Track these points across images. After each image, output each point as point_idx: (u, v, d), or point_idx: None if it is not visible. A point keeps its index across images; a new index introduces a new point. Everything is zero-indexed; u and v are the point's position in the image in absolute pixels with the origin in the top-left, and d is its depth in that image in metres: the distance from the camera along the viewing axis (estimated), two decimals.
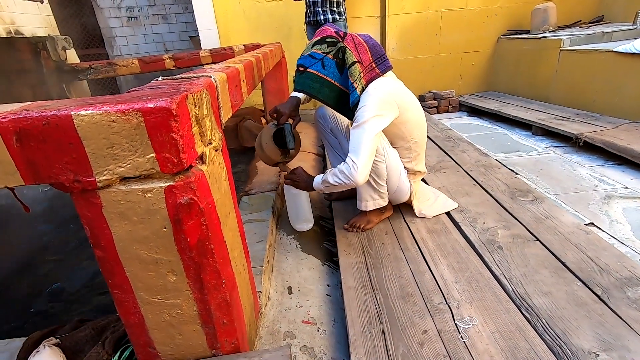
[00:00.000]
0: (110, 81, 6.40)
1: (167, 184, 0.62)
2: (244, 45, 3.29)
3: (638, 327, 0.96)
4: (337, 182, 1.27)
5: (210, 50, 3.32)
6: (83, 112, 0.55)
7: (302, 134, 3.17)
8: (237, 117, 3.02)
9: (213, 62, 3.35)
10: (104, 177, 0.60)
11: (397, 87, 1.38)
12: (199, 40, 4.07)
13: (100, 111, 0.56)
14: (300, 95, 1.49)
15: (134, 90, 0.68)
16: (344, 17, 3.19)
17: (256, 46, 3.23)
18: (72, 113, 0.55)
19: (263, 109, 3.62)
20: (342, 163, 1.27)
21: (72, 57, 3.57)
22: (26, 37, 3.15)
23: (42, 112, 0.56)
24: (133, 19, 6.55)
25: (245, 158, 2.79)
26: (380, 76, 1.32)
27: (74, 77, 3.38)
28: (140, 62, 3.32)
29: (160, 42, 6.81)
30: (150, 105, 0.56)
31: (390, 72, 1.39)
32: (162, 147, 0.59)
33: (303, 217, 1.57)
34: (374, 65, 1.31)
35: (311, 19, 3.15)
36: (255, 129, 2.88)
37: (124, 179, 0.62)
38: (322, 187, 1.34)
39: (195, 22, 4.10)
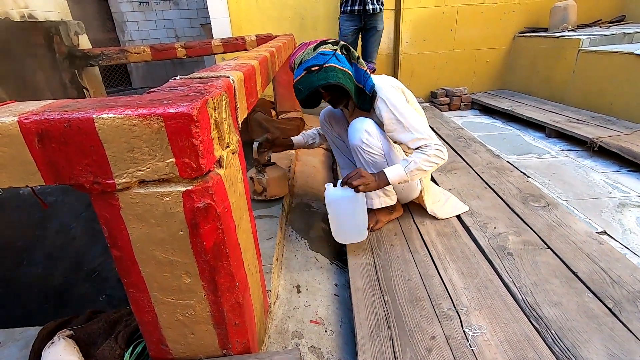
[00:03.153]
0: (121, 67, 6.40)
1: (185, 189, 0.62)
2: (255, 36, 3.26)
3: None
4: (432, 166, 1.28)
5: (222, 39, 3.29)
6: (105, 116, 0.55)
7: (312, 127, 3.16)
8: None
9: (225, 52, 3.33)
10: (123, 180, 0.60)
11: (391, 79, 1.43)
12: (210, 28, 4.04)
13: (122, 115, 0.55)
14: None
15: (153, 92, 0.67)
16: None
17: (268, 37, 3.19)
18: (93, 116, 0.55)
19: (273, 100, 3.60)
20: (427, 149, 1.27)
21: (84, 42, 3.56)
22: (39, 21, 3.15)
23: (64, 114, 0.55)
24: (144, 3, 6.52)
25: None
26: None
27: (86, 63, 3.38)
28: (152, 49, 3.30)
29: (171, 28, 6.79)
30: (171, 110, 0.56)
31: None
32: (181, 152, 0.59)
33: (363, 225, 1.37)
34: None
35: (355, 7, 2.98)
36: (265, 121, 2.87)
37: (143, 182, 0.62)
38: (409, 177, 1.27)
39: (206, 8, 4.07)
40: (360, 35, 3.21)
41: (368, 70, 1.35)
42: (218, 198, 0.65)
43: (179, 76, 0.80)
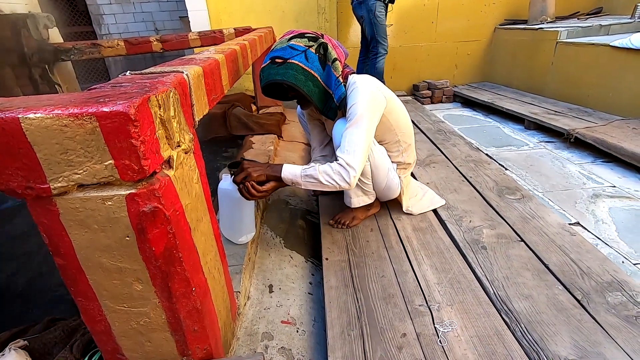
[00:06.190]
0: (98, 61, 6.21)
1: (128, 192, 0.58)
2: (234, 29, 3.18)
3: (615, 333, 0.97)
4: (329, 182, 1.17)
5: (199, 33, 3.21)
6: (31, 116, 0.51)
7: (293, 122, 3.12)
8: (226, 104, 2.95)
9: (202, 45, 3.24)
10: (59, 184, 0.56)
11: (374, 78, 1.34)
12: (189, 20, 3.93)
13: (51, 115, 0.51)
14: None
15: (94, 88, 0.63)
16: None
17: (247, 30, 3.12)
18: (19, 116, 0.51)
19: (254, 94, 3.54)
20: (335, 163, 1.18)
21: (55, 36, 3.42)
22: (5, 14, 3.01)
23: None
24: None
25: (233, 146, 2.73)
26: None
27: (57, 58, 3.25)
28: (126, 43, 3.19)
29: (150, 21, 6.60)
30: (105, 109, 0.52)
31: None
32: (120, 154, 0.55)
33: (247, 227, 1.30)
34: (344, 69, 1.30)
35: None
36: (244, 116, 2.81)
37: (82, 186, 0.58)
38: (302, 180, 1.19)
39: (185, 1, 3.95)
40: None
41: (340, 78, 1.24)
42: (167, 201, 0.62)
43: (129, 71, 0.76)
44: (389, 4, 3.08)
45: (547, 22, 3.68)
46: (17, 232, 1.91)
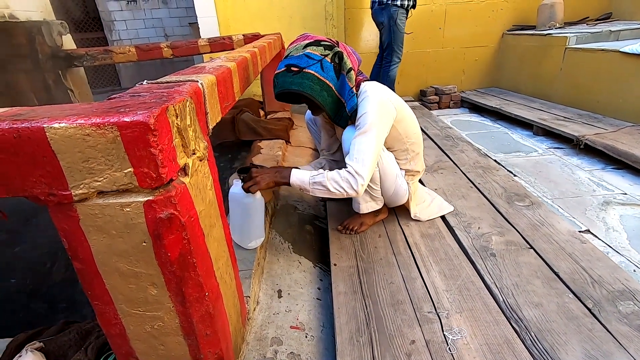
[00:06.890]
0: (109, 66, 6.33)
1: (146, 199, 0.60)
2: (243, 35, 3.23)
3: (627, 343, 0.96)
4: (337, 190, 1.19)
5: (209, 39, 3.26)
6: (56, 125, 0.53)
7: (300, 127, 3.14)
8: (234, 110, 2.98)
9: (212, 52, 3.29)
10: (80, 191, 0.58)
11: (385, 87, 1.35)
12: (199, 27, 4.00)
13: (74, 124, 0.53)
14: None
15: (114, 98, 0.65)
16: None
17: (255, 36, 3.16)
18: (44, 126, 0.53)
19: (262, 100, 3.58)
20: (343, 170, 1.20)
21: (68, 42, 3.50)
22: (20, 21, 3.09)
23: (14, 123, 0.53)
24: (132, 2, 6.44)
25: (242, 151, 2.76)
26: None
27: (70, 64, 3.32)
28: (137, 49, 3.25)
29: (160, 27, 6.71)
30: (126, 119, 0.53)
31: None
32: (140, 162, 0.57)
33: (257, 232, 1.31)
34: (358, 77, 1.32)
35: (411, 2, 2.98)
36: (252, 121, 2.84)
37: (101, 193, 0.59)
38: (311, 187, 1.21)
39: (194, 7, 4.02)
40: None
41: (354, 88, 1.26)
42: (182, 207, 0.63)
43: (145, 81, 0.78)
44: (410, 10, 3.07)
45: (555, 28, 3.67)
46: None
